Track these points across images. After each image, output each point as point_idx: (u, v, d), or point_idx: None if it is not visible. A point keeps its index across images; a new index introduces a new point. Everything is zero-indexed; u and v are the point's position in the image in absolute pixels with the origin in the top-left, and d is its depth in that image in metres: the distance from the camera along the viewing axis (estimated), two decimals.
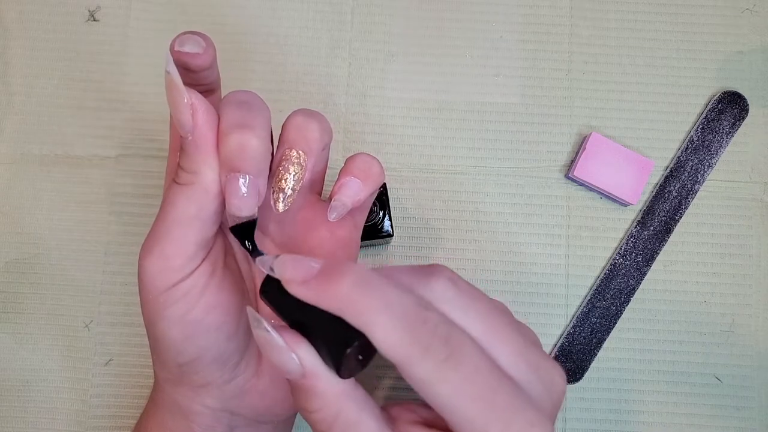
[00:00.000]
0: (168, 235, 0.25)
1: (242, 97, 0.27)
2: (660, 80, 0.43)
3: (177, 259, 0.25)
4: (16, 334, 0.41)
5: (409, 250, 0.41)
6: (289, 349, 0.22)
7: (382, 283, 0.21)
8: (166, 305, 0.26)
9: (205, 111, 0.25)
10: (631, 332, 0.41)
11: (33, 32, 0.43)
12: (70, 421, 0.40)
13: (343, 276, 0.21)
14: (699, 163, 0.42)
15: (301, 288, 0.21)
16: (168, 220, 0.25)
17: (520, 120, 0.43)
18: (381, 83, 0.43)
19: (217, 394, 0.28)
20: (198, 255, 0.26)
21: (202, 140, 0.25)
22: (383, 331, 0.20)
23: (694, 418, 0.40)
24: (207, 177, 0.25)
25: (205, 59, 0.27)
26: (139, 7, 0.43)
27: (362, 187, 0.28)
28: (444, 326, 0.21)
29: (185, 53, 0.26)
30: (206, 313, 0.26)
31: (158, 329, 0.26)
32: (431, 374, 0.20)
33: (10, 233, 0.41)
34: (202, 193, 0.25)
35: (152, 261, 0.25)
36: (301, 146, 0.27)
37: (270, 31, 0.43)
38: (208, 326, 0.26)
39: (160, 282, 0.25)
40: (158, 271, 0.25)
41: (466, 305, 0.22)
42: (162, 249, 0.25)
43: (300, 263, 0.22)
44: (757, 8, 0.43)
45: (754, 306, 0.41)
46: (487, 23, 0.43)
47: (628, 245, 0.41)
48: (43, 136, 0.42)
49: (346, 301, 0.20)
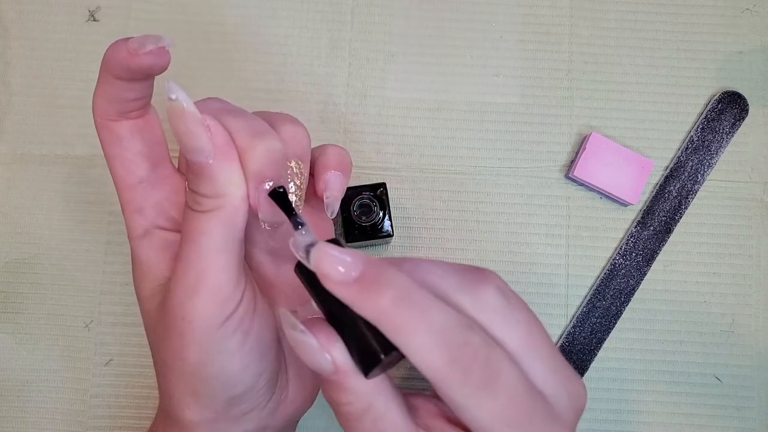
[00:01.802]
0: (212, 267, 0.24)
1: (225, 106, 0.26)
2: (660, 80, 0.43)
3: (228, 289, 0.24)
4: (16, 334, 0.41)
5: (409, 250, 0.41)
6: (323, 350, 0.21)
7: (424, 298, 0.20)
8: (224, 339, 0.24)
9: (221, 130, 0.24)
10: (631, 332, 0.41)
11: (33, 32, 0.43)
12: (70, 421, 0.40)
13: (385, 288, 0.20)
14: (699, 163, 0.42)
15: (338, 288, 0.21)
16: (206, 251, 0.24)
17: (520, 120, 0.42)
18: (381, 83, 0.43)
19: (258, 416, 0.27)
20: (241, 278, 0.25)
21: (226, 161, 0.23)
22: (421, 352, 0.19)
23: (694, 418, 0.40)
24: (236, 197, 0.24)
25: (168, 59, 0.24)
26: (139, 7, 0.43)
27: (343, 178, 0.29)
28: (485, 350, 0.20)
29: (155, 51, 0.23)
30: (260, 335, 0.25)
31: (216, 366, 0.25)
32: (468, 399, 0.20)
33: (10, 233, 0.41)
34: (233, 214, 0.24)
35: (205, 299, 0.24)
36: (298, 154, 0.27)
37: (270, 31, 0.43)
38: (263, 350, 0.26)
39: (216, 318, 0.24)
40: (213, 308, 0.24)
41: (512, 318, 0.22)
42: (211, 284, 0.24)
43: (338, 260, 0.21)
44: (757, 8, 0.43)
45: (754, 306, 0.41)
46: (487, 23, 0.43)
47: (628, 245, 0.41)
48: (43, 136, 0.42)
49: (385, 315, 0.20)
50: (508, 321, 0.22)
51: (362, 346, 0.21)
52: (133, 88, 0.25)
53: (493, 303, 0.22)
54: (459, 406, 0.20)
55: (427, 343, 0.19)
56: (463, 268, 0.22)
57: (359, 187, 0.38)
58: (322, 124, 0.42)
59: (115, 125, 0.26)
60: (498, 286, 0.22)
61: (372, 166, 0.42)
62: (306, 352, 0.21)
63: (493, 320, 0.21)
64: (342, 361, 0.21)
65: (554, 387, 0.22)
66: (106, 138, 0.26)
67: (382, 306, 0.20)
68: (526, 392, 0.21)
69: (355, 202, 0.38)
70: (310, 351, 0.21)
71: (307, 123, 0.42)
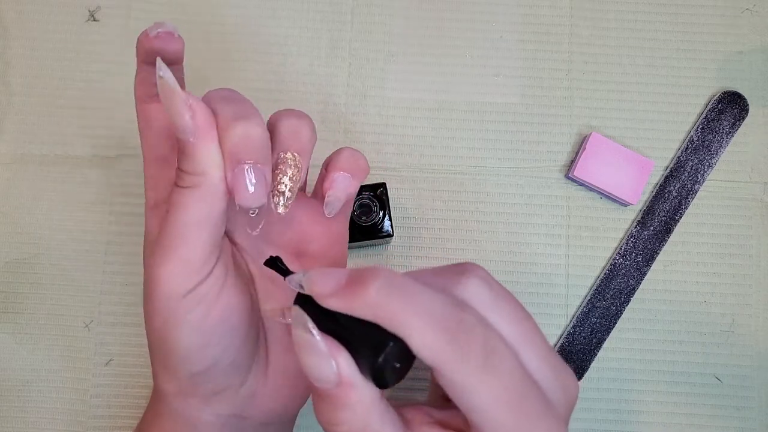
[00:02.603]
0: (184, 238, 0.25)
1: (226, 93, 0.27)
2: (660, 80, 0.43)
3: (196, 262, 0.25)
4: (16, 334, 0.41)
5: (409, 250, 0.41)
6: (330, 356, 0.21)
7: (411, 284, 0.21)
8: (186, 311, 0.25)
9: (204, 110, 0.25)
10: (631, 332, 0.41)
11: (33, 32, 0.43)
12: (70, 421, 0.40)
13: (370, 281, 0.20)
14: (699, 163, 0.42)
15: (332, 300, 0.21)
16: (180, 224, 0.25)
17: (520, 120, 0.43)
18: (381, 83, 0.43)
19: (230, 401, 0.28)
20: (212, 256, 0.26)
21: (205, 140, 0.25)
22: (420, 334, 0.20)
23: (694, 418, 0.40)
24: (215, 176, 0.25)
25: (180, 43, 0.27)
26: (139, 7, 0.43)
27: (352, 180, 0.29)
28: (481, 328, 0.20)
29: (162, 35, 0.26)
30: (223, 316, 0.26)
31: (175, 338, 0.26)
32: (469, 378, 0.20)
33: (10, 233, 0.41)
34: (211, 193, 0.25)
35: (171, 267, 0.25)
36: (296, 148, 0.27)
37: (270, 31, 0.43)
38: (225, 330, 0.26)
39: (180, 287, 0.25)
40: (178, 276, 0.25)
41: (499, 306, 0.22)
42: (180, 253, 0.25)
43: (327, 276, 0.21)
44: (757, 8, 0.43)
45: (754, 306, 0.41)
46: (487, 23, 0.43)
47: (628, 245, 0.41)
48: (43, 136, 0.42)
49: (376, 305, 0.20)
50: (496, 309, 0.22)
51: (366, 348, 0.21)
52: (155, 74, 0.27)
53: (478, 293, 0.22)
54: (460, 388, 0.20)
55: (424, 326, 0.20)
56: (444, 267, 0.23)
57: (359, 187, 0.38)
58: (322, 124, 0.42)
59: (146, 106, 0.28)
60: (481, 276, 0.22)
61: (372, 166, 0.42)
62: (311, 356, 0.21)
63: (482, 310, 0.22)
64: (347, 370, 0.21)
65: (547, 377, 0.22)
66: (139, 117, 0.29)
67: (371, 297, 0.20)
68: (522, 375, 0.21)
69: (355, 202, 0.38)
70: (316, 355, 0.21)
71: None
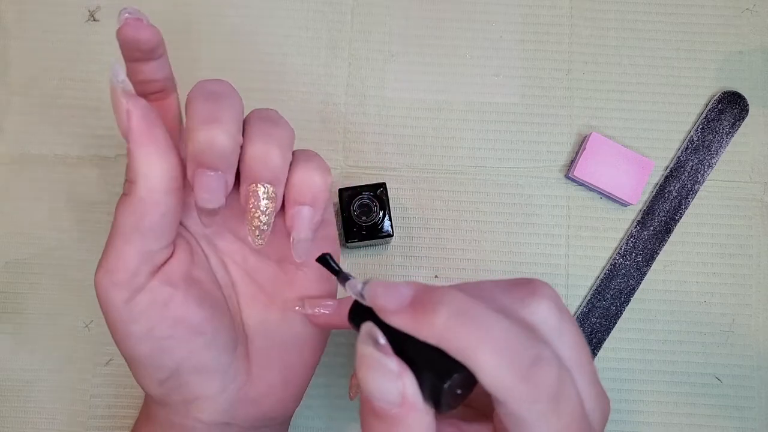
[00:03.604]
0: (109, 248, 0.25)
1: (211, 88, 0.26)
2: (660, 80, 0.43)
3: (119, 273, 0.25)
4: (16, 334, 0.40)
5: (409, 250, 0.41)
6: (398, 377, 0.20)
7: (482, 312, 0.19)
8: (128, 322, 0.25)
9: (140, 117, 0.24)
10: (631, 332, 0.41)
11: (33, 32, 0.43)
12: (70, 421, 0.40)
13: (437, 307, 0.19)
14: (699, 163, 0.42)
15: (394, 317, 0.20)
16: (111, 233, 0.25)
17: (520, 120, 0.42)
18: (381, 83, 0.43)
19: (210, 408, 0.28)
20: (143, 269, 0.25)
21: (138, 146, 0.24)
22: (491, 369, 0.19)
23: (694, 418, 0.40)
24: (141, 187, 0.24)
25: (152, 31, 0.26)
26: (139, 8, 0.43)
27: (314, 211, 0.27)
28: (557, 367, 0.19)
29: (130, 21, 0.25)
30: (173, 327, 0.26)
31: (128, 348, 0.26)
32: (536, 417, 0.19)
33: (10, 233, 0.41)
34: (137, 203, 0.24)
35: (99, 276, 0.25)
36: (267, 178, 0.26)
37: (270, 31, 0.43)
38: (178, 340, 0.26)
39: (112, 297, 0.25)
40: (107, 287, 0.25)
41: (564, 330, 0.21)
42: (106, 263, 0.25)
43: (391, 290, 0.20)
44: (757, 8, 0.43)
45: (754, 306, 0.41)
46: (487, 23, 0.43)
47: (628, 245, 0.41)
48: (43, 136, 0.42)
49: (445, 334, 0.19)
50: (561, 335, 0.21)
51: (429, 373, 0.20)
52: (140, 71, 0.27)
53: (548, 317, 0.21)
54: (524, 424, 0.19)
55: (495, 361, 0.19)
56: (512, 282, 0.22)
57: (359, 187, 0.38)
58: (322, 124, 0.42)
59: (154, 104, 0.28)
60: (551, 298, 0.21)
61: (372, 166, 0.42)
62: (375, 375, 0.20)
63: (551, 336, 0.21)
64: (412, 392, 0.20)
65: (592, 402, 0.21)
66: None
67: (439, 325, 0.19)
68: (581, 416, 0.20)
69: (355, 202, 0.38)
70: (384, 375, 0.20)
71: (307, 123, 0.42)
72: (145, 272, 0.25)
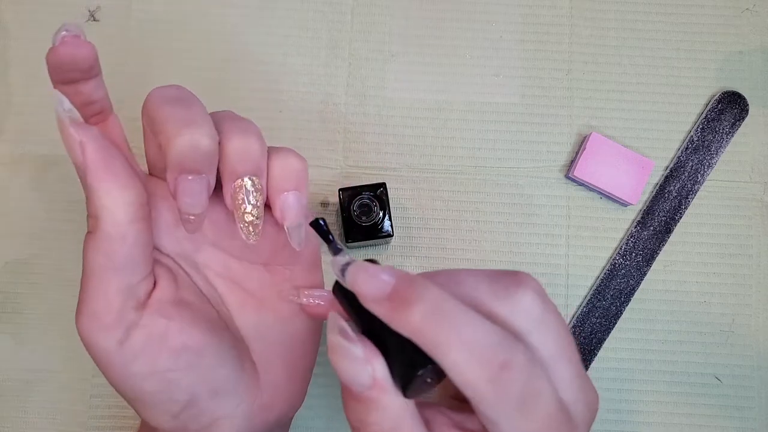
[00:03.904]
0: (86, 291, 0.23)
1: (174, 93, 0.25)
2: (660, 80, 0.43)
3: (105, 315, 0.23)
4: (16, 334, 0.40)
5: (409, 250, 0.41)
6: (366, 362, 0.21)
7: (458, 310, 0.19)
8: (126, 364, 0.24)
9: (96, 149, 0.23)
10: (631, 332, 0.41)
11: (33, 32, 0.43)
12: (70, 421, 0.40)
13: (415, 302, 0.20)
14: (699, 163, 0.42)
15: (373, 305, 0.20)
16: (85, 276, 0.23)
17: (520, 120, 0.43)
18: (381, 83, 0.43)
19: (228, 425, 0.27)
20: (128, 305, 0.24)
21: (96, 180, 0.23)
22: (458, 368, 0.19)
23: (694, 418, 0.40)
24: (107, 222, 0.23)
25: (90, 48, 0.24)
26: (139, 8, 0.43)
27: (300, 195, 0.26)
28: (526, 371, 0.19)
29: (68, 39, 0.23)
30: (177, 357, 0.25)
31: (132, 389, 0.24)
32: (503, 418, 0.19)
33: (10, 233, 0.41)
34: (105, 239, 0.23)
35: (83, 322, 0.23)
36: (251, 170, 0.25)
37: (270, 31, 0.43)
38: (185, 368, 0.25)
39: (102, 342, 0.23)
40: (94, 332, 0.23)
41: (547, 321, 0.21)
42: (87, 308, 0.23)
43: (372, 278, 0.21)
44: (757, 8, 0.43)
45: (754, 306, 0.41)
46: (487, 23, 0.43)
47: (628, 245, 0.41)
48: (43, 136, 0.42)
49: (418, 330, 0.19)
50: (544, 328, 0.21)
51: (401, 361, 0.21)
52: (78, 93, 0.25)
53: (531, 309, 0.21)
54: (492, 424, 0.20)
55: (464, 360, 0.19)
56: (497, 274, 0.22)
57: (359, 187, 0.38)
58: (322, 124, 0.42)
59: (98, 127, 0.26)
60: (536, 290, 0.21)
61: (372, 166, 0.42)
62: (346, 362, 0.21)
63: (531, 328, 0.21)
64: (382, 375, 0.21)
65: (575, 395, 0.22)
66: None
67: (414, 322, 0.19)
68: (557, 411, 0.20)
69: (355, 202, 0.38)
70: (353, 360, 0.21)
71: (307, 123, 0.42)
72: (131, 308, 0.24)
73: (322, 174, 0.42)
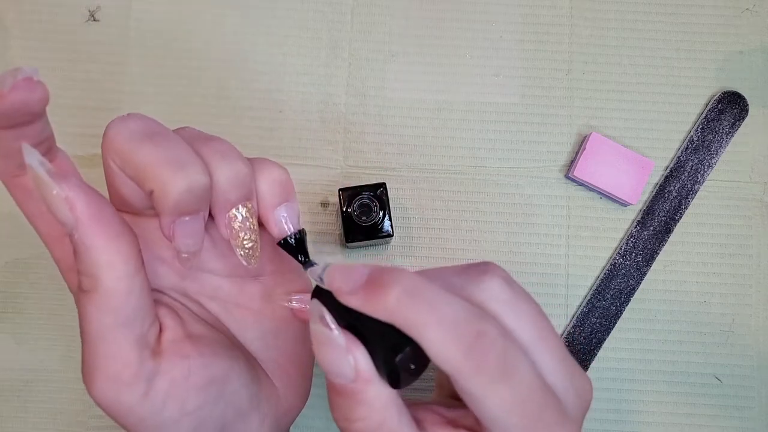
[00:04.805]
0: (95, 355, 0.22)
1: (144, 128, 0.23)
2: (660, 80, 0.43)
3: (124, 372, 0.22)
4: (16, 334, 0.41)
5: (409, 250, 0.41)
6: (348, 351, 0.21)
7: (432, 291, 0.20)
8: (156, 414, 0.23)
9: (86, 203, 0.21)
10: (631, 332, 0.41)
11: (33, 32, 0.43)
12: (70, 421, 0.40)
13: (390, 286, 0.20)
14: (699, 163, 0.42)
15: (350, 298, 0.21)
16: (91, 338, 0.22)
17: (520, 120, 0.43)
18: (381, 83, 0.43)
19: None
20: (145, 354, 0.23)
21: (88, 239, 0.21)
22: (436, 344, 0.19)
23: (694, 418, 0.40)
24: (109, 278, 0.21)
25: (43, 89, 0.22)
26: (140, 8, 0.43)
27: (292, 204, 0.25)
28: (501, 340, 0.20)
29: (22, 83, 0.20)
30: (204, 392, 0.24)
31: None
32: (483, 390, 0.20)
33: (10, 233, 0.41)
34: (108, 297, 0.22)
35: (100, 387, 0.22)
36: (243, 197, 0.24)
37: (270, 31, 0.43)
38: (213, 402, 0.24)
39: (125, 400, 0.22)
40: (115, 393, 0.22)
41: (518, 308, 0.22)
42: (103, 372, 0.22)
43: (348, 272, 0.21)
44: (757, 8, 0.43)
45: (754, 306, 0.41)
46: (487, 23, 0.43)
47: (628, 245, 0.41)
48: None
49: (395, 312, 0.20)
50: (516, 311, 0.21)
51: (383, 348, 0.21)
52: (24, 136, 0.23)
53: (499, 294, 0.21)
54: (474, 398, 0.20)
55: (440, 336, 0.19)
56: (466, 266, 0.22)
57: (359, 187, 0.38)
58: (322, 124, 0.42)
59: (22, 180, 0.24)
60: (502, 277, 0.22)
61: (372, 166, 0.42)
62: (327, 351, 0.21)
63: (502, 311, 0.21)
64: (364, 366, 0.21)
65: (562, 380, 0.22)
66: (18, 196, 0.24)
67: (390, 303, 0.20)
68: (540, 386, 0.21)
69: (355, 202, 0.38)
70: (333, 350, 0.21)
71: (306, 123, 0.42)
72: (148, 356, 0.23)
73: (322, 174, 0.42)
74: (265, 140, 0.42)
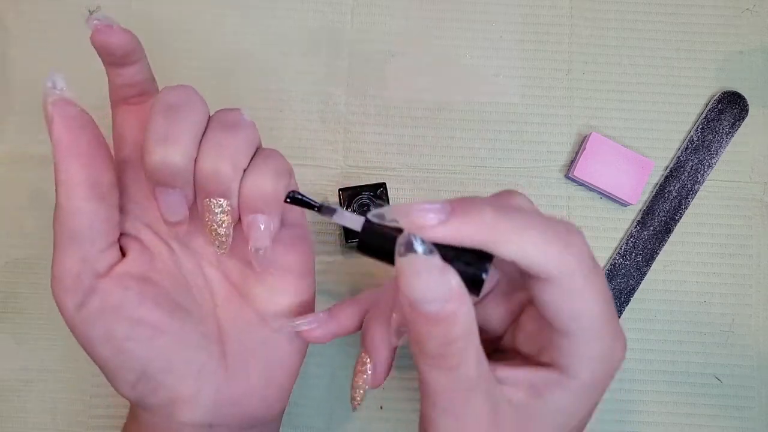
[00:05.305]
0: (53, 256, 0.26)
1: (170, 100, 0.26)
2: (660, 80, 0.43)
3: (65, 279, 0.25)
4: (16, 334, 0.41)
5: None
6: (445, 271, 0.21)
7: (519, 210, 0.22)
8: (85, 327, 0.26)
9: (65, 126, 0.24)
10: (631, 332, 0.41)
11: (33, 32, 0.43)
12: (70, 421, 0.40)
13: (480, 206, 0.21)
14: (699, 163, 0.42)
15: (439, 229, 0.21)
16: (54, 242, 0.25)
17: (520, 120, 0.43)
18: (381, 83, 0.43)
19: (189, 410, 0.28)
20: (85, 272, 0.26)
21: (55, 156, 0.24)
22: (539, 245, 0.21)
23: (694, 418, 0.40)
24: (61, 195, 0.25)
25: (124, 36, 0.26)
26: (140, 8, 0.43)
27: (269, 218, 0.26)
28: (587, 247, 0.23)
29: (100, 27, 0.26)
30: (131, 328, 0.26)
31: (90, 352, 0.27)
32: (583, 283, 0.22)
33: (10, 233, 0.41)
34: (59, 211, 0.25)
35: (52, 285, 0.26)
36: (219, 193, 0.25)
37: (270, 31, 0.43)
38: (139, 341, 0.26)
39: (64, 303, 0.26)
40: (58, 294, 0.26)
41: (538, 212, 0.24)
42: (53, 271, 0.26)
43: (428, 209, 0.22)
44: (757, 8, 0.43)
45: (754, 306, 0.41)
46: (487, 23, 0.43)
47: (628, 245, 0.41)
48: (43, 136, 0.42)
49: (494, 226, 0.21)
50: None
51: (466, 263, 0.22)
52: (118, 74, 0.28)
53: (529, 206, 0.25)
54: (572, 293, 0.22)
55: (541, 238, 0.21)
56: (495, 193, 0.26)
57: (359, 187, 0.38)
58: (322, 124, 0.42)
59: (115, 109, 0.29)
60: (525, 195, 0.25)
61: (372, 166, 0.42)
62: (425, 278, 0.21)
63: None
64: (457, 283, 0.21)
65: None
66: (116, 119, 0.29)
67: (487, 219, 0.21)
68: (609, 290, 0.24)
69: (355, 202, 0.38)
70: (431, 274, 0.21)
71: (306, 123, 0.42)
72: (88, 275, 0.26)
73: (322, 174, 0.42)
74: (265, 140, 0.42)
